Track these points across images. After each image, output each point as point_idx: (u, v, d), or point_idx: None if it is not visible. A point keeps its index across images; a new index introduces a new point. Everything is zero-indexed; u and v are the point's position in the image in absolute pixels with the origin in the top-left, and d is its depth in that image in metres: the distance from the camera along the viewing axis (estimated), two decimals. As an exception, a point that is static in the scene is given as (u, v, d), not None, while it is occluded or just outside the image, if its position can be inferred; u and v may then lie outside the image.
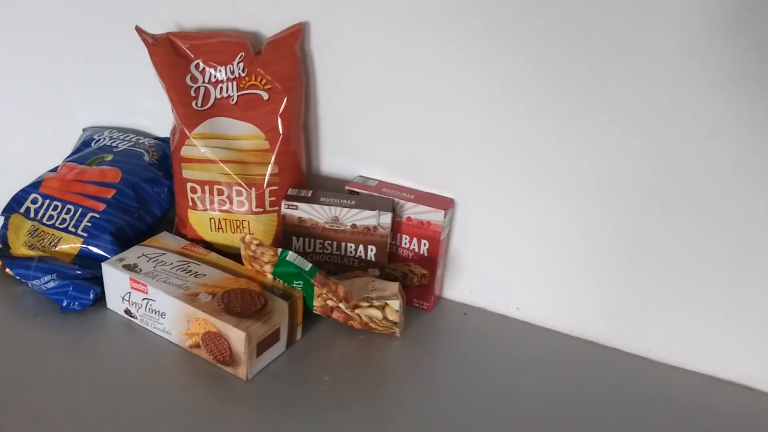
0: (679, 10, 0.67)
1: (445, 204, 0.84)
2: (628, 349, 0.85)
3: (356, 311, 0.79)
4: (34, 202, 0.89)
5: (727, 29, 0.67)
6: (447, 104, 0.82)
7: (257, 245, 0.79)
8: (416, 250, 0.86)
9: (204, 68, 0.83)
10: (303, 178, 0.90)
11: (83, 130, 1.06)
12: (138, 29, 0.83)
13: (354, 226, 0.83)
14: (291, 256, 0.78)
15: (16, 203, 0.91)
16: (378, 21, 0.81)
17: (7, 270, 0.86)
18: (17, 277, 0.85)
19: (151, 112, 1.01)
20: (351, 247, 0.84)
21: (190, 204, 0.88)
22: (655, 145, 0.74)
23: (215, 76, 0.84)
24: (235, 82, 0.84)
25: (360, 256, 0.85)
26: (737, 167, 0.71)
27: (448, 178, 0.86)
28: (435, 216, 0.83)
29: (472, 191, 0.85)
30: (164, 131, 1.02)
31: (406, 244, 0.86)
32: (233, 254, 0.88)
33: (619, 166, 0.76)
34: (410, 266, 0.87)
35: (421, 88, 0.83)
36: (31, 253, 0.85)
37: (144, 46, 0.96)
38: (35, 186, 0.91)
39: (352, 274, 0.84)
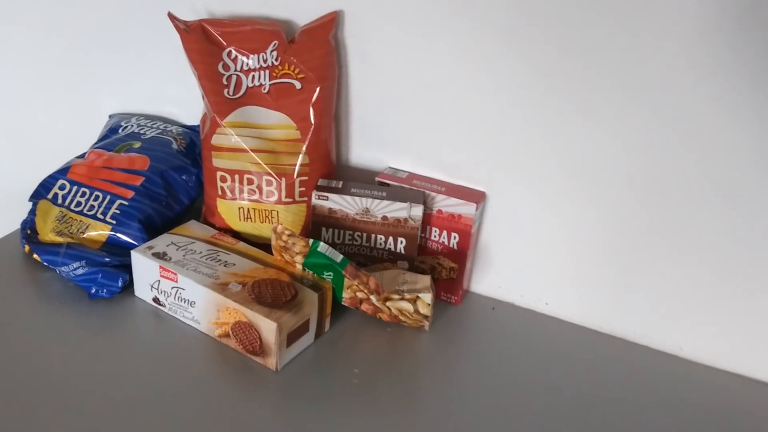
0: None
1: (477, 197, 0.84)
2: (658, 347, 0.84)
3: (387, 304, 0.79)
4: (62, 188, 0.89)
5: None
6: (479, 97, 0.81)
7: (289, 235, 0.78)
8: (446, 243, 0.85)
9: (236, 56, 0.83)
10: (333, 168, 0.89)
11: (109, 116, 1.06)
12: (171, 16, 0.82)
13: (384, 218, 0.82)
14: (322, 247, 0.78)
15: (44, 189, 0.90)
16: (412, 10, 0.80)
17: (35, 256, 0.85)
18: (45, 263, 0.85)
19: (179, 100, 1.01)
20: (381, 239, 0.84)
21: (220, 193, 0.87)
22: (691, 139, 0.73)
23: (247, 64, 0.83)
24: (267, 71, 0.83)
25: (389, 248, 0.84)
26: (778, 165, 0.70)
27: (480, 171, 0.85)
28: (466, 209, 0.82)
29: (503, 185, 0.84)
30: (191, 119, 1.01)
31: (435, 236, 0.85)
32: (261, 244, 0.88)
33: (655, 160, 0.75)
34: (439, 259, 0.86)
35: (453, 79, 0.82)
36: (60, 239, 0.85)
37: (173, 33, 0.96)
38: (63, 172, 0.91)
39: (381, 266, 0.84)
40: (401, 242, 0.84)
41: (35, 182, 1.15)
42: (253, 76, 0.84)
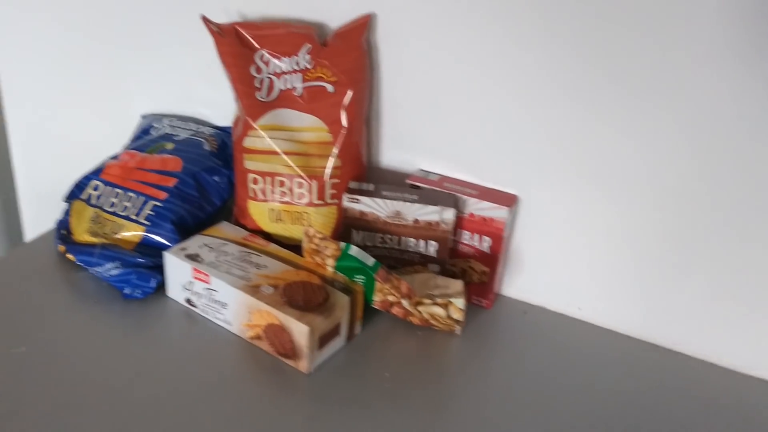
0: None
1: (509, 201, 0.83)
2: (696, 354, 0.82)
3: (418, 308, 0.78)
4: (96, 189, 0.90)
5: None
6: (512, 100, 0.80)
7: (321, 239, 0.78)
8: (477, 246, 0.85)
9: (269, 59, 0.83)
10: (364, 170, 0.89)
11: (142, 116, 1.06)
12: (204, 19, 0.83)
13: (416, 221, 0.82)
14: (354, 250, 0.77)
15: (78, 190, 0.91)
16: (445, 13, 0.80)
17: (70, 256, 0.86)
18: (80, 263, 0.86)
19: (210, 101, 1.01)
20: (412, 242, 0.83)
21: (251, 194, 0.88)
22: (728, 140, 0.71)
23: (280, 67, 0.83)
24: (300, 74, 0.83)
25: (420, 252, 0.84)
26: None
27: (512, 175, 0.84)
28: (498, 213, 0.82)
29: (536, 188, 0.83)
30: (223, 120, 1.02)
31: (467, 240, 0.85)
32: (292, 245, 0.88)
33: (692, 163, 0.74)
34: (470, 263, 0.85)
35: (485, 82, 0.81)
36: (94, 239, 0.86)
37: (205, 35, 0.96)
38: (97, 173, 0.92)
39: (412, 269, 0.83)
40: (432, 245, 0.83)
41: (69, 182, 1.17)
42: (286, 78, 0.84)
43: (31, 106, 1.19)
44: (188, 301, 0.82)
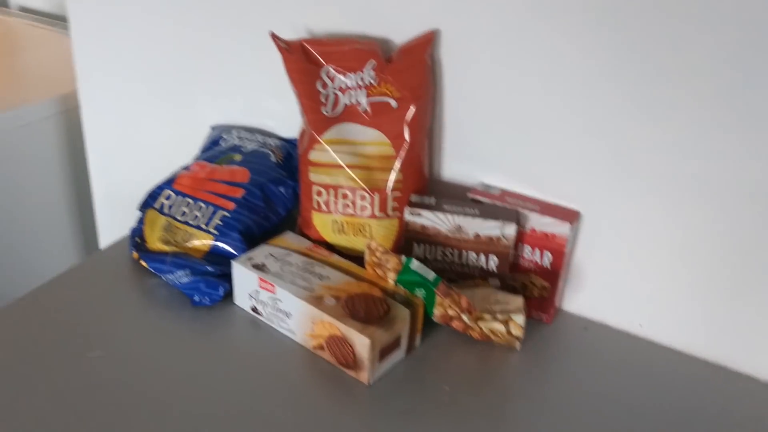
0: None
1: (571, 216, 0.83)
2: (762, 376, 0.80)
3: (478, 323, 0.79)
4: (168, 198, 0.94)
5: None
6: (575, 113, 0.80)
7: (382, 252, 0.80)
8: (538, 261, 0.85)
9: (335, 75, 0.85)
10: (426, 184, 0.90)
11: (211, 128, 1.10)
12: (273, 36, 0.85)
13: (477, 235, 0.83)
14: (415, 264, 0.79)
15: (151, 199, 0.95)
16: (508, 29, 0.80)
17: (143, 262, 0.90)
18: (152, 270, 0.90)
19: (276, 113, 1.04)
20: (472, 256, 0.84)
21: (315, 206, 0.90)
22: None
23: (345, 83, 0.85)
24: (364, 89, 0.85)
25: (481, 266, 0.84)
26: None
27: (574, 189, 0.84)
28: (560, 228, 0.82)
29: (599, 203, 0.83)
30: (288, 131, 1.05)
31: (528, 254, 0.85)
32: (354, 257, 0.90)
33: (761, 182, 0.72)
34: (531, 277, 0.85)
35: (548, 97, 0.81)
36: (166, 248, 0.90)
37: (272, 49, 0.99)
38: (169, 183, 0.96)
39: (472, 284, 0.84)
40: (493, 260, 0.84)
41: (141, 188, 1.22)
42: (350, 94, 0.86)
43: (108, 114, 1.25)
44: (254, 309, 0.85)
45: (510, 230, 0.81)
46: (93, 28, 1.18)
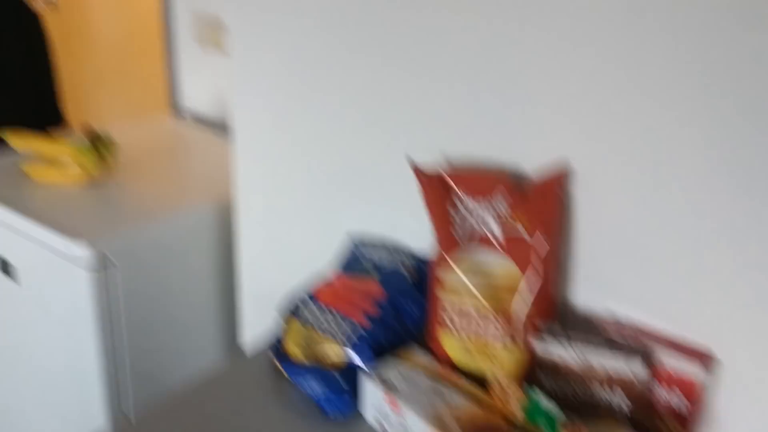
0: None
1: (707, 360, 0.80)
2: None
3: (604, 464, 0.78)
4: (308, 308, 1.01)
5: None
6: (712, 246, 0.79)
7: (508, 384, 0.81)
8: (670, 402, 0.82)
9: (470, 204, 0.89)
10: (555, 315, 0.91)
11: (348, 235, 1.17)
12: (415, 168, 0.92)
13: (605, 370, 0.82)
14: (541, 397, 0.79)
15: (293, 307, 1.03)
16: (641, 160, 0.81)
17: (281, 369, 0.97)
18: (289, 377, 0.96)
19: (413, 231, 1.10)
20: (601, 392, 0.83)
21: (443, 326, 0.93)
22: None
23: (477, 210, 0.89)
24: (497, 219, 0.88)
25: (609, 402, 0.83)
26: None
27: (715, 329, 0.81)
28: (694, 370, 0.79)
29: (743, 347, 0.80)
30: (423, 249, 1.09)
31: (659, 394, 0.83)
32: (479, 380, 0.91)
33: None
34: (662, 418, 0.83)
35: (683, 230, 0.80)
36: (303, 356, 0.96)
37: (409, 171, 1.06)
38: (310, 293, 1.03)
39: (600, 420, 0.83)
40: (622, 397, 0.82)
41: (282, 288, 1.30)
42: (483, 220, 0.89)
43: (260, 216, 1.37)
44: (380, 424, 0.88)
45: (640, 368, 0.80)
46: (253, 137, 1.31)
